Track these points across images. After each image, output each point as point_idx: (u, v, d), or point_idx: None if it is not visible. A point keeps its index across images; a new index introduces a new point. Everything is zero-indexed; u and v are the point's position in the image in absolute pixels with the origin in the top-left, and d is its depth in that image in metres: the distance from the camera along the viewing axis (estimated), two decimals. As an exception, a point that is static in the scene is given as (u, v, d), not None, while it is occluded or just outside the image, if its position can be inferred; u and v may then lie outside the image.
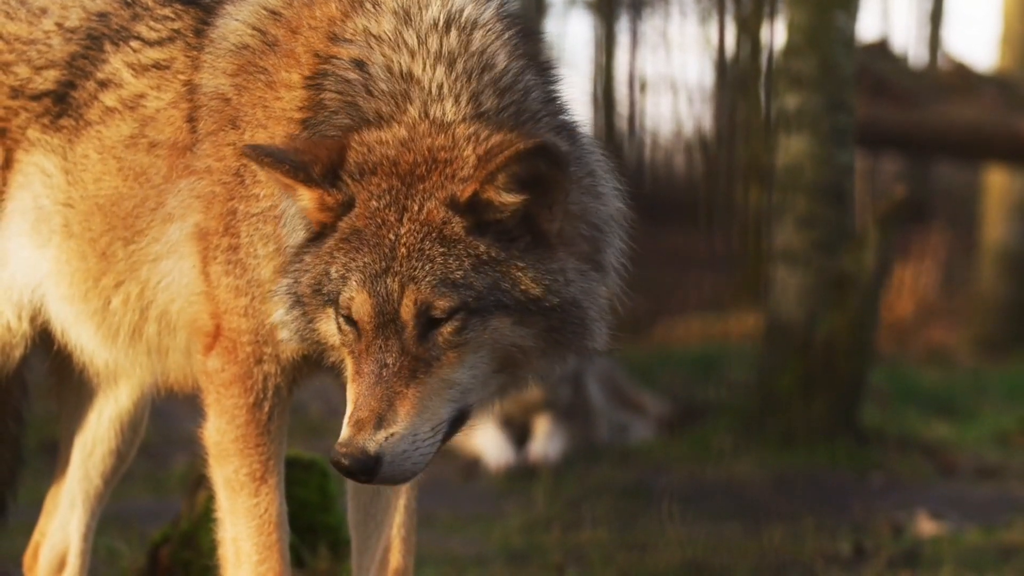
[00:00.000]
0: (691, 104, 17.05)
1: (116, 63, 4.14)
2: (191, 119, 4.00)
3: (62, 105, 4.18)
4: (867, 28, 26.48)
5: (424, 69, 3.70)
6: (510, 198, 3.55)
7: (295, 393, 4.01)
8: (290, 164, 3.62)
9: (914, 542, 6.60)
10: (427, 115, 3.66)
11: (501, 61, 3.73)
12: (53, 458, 4.74)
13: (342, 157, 3.63)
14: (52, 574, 4.69)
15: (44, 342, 4.39)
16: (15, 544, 4.94)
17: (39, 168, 4.19)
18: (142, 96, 4.07)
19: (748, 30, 15.18)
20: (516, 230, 3.57)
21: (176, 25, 4.12)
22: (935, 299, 15.33)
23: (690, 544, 6.30)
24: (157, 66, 4.09)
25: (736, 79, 15.89)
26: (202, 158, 3.94)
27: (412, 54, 3.71)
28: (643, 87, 16.59)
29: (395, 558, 4.10)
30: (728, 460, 8.15)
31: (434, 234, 3.54)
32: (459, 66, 3.69)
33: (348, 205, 3.62)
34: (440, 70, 3.69)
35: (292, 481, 4.38)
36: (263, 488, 3.95)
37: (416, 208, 3.56)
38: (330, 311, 3.63)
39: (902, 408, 9.90)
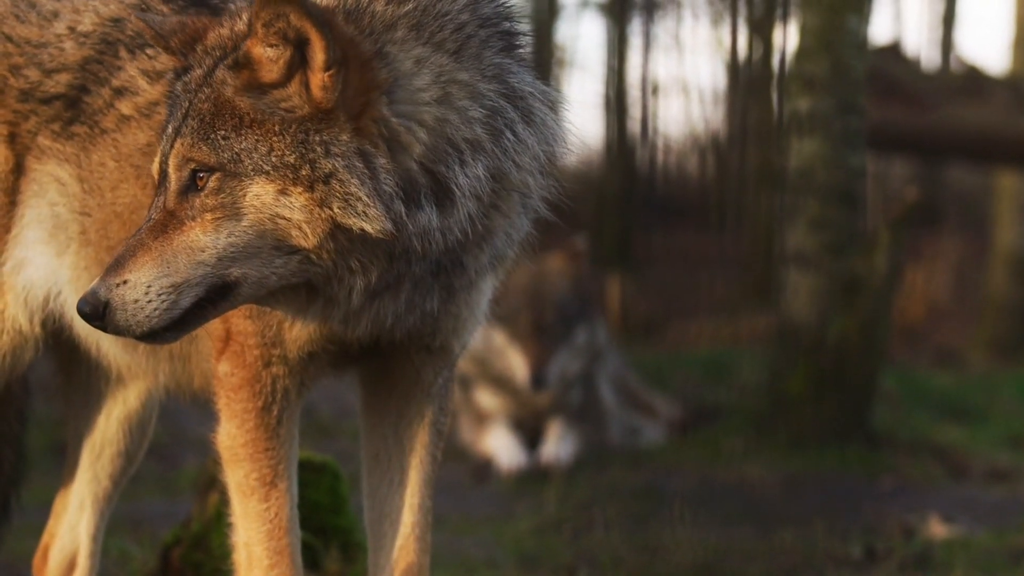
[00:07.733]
0: (703, 107, 17.06)
1: (132, 70, 4.14)
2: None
3: (74, 111, 4.18)
4: (879, 31, 26.46)
5: None
6: (271, 52, 3.52)
7: (304, 396, 4.01)
8: (156, 31, 3.73)
9: (925, 545, 6.59)
10: None
11: None
12: (62, 459, 4.74)
13: (206, 32, 3.69)
14: (62, 576, 4.70)
15: (53, 344, 4.39)
16: (25, 546, 4.95)
17: (53, 177, 4.19)
18: (158, 104, 4.07)
19: (760, 33, 15.17)
20: (296, 98, 3.53)
21: (189, 30, 4.12)
22: (946, 302, 15.31)
23: (701, 547, 6.30)
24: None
25: (748, 82, 15.89)
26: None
27: None
28: (655, 90, 16.58)
29: (410, 556, 4.08)
30: (739, 463, 8.15)
31: (214, 96, 3.55)
32: None
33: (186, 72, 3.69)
34: None
35: (303, 483, 4.38)
36: (273, 493, 3.94)
37: (216, 72, 3.59)
38: None
39: (913, 411, 9.87)
